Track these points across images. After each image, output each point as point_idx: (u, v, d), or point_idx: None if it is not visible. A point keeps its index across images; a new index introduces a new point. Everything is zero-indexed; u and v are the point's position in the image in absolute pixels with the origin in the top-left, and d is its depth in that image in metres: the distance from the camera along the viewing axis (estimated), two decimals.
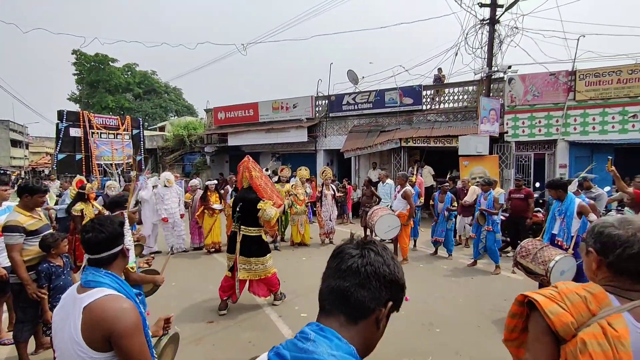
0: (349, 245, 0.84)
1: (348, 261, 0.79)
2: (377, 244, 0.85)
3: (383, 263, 0.80)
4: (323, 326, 0.76)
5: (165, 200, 7.31)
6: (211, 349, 3.55)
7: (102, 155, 14.48)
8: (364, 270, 0.78)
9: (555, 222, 4.05)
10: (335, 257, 0.83)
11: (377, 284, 0.78)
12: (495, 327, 3.96)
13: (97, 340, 1.29)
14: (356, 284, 0.77)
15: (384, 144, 11.44)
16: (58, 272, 3.12)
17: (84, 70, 31.78)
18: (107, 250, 1.48)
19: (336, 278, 0.79)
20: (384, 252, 0.83)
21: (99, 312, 1.30)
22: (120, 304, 1.34)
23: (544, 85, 10.01)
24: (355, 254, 0.81)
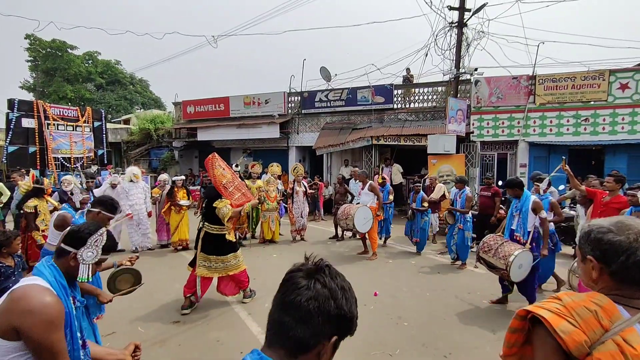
0: (298, 273, 0.80)
1: (292, 294, 0.76)
2: (330, 271, 0.80)
3: (329, 297, 0.76)
4: (264, 355, 0.75)
5: (130, 196, 6.98)
6: (177, 350, 3.43)
7: (60, 149, 13.56)
8: (306, 306, 0.74)
9: (514, 219, 4.27)
10: (283, 285, 0.80)
11: (319, 320, 0.74)
12: (459, 319, 4.12)
13: (5, 328, 1.24)
14: (297, 319, 0.74)
15: (355, 142, 11.56)
16: (8, 273, 2.88)
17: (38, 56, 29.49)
18: (65, 243, 1.50)
19: (279, 310, 0.77)
20: (334, 282, 0.79)
21: (17, 300, 1.27)
22: (41, 296, 1.29)
23: (507, 88, 10.52)
24: (302, 285, 0.77)
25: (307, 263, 0.83)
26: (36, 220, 4.68)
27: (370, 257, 6.60)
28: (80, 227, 1.55)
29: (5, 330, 1.24)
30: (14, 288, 1.31)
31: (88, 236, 1.52)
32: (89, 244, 1.52)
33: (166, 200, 7.11)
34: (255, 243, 7.79)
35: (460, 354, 3.36)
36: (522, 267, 3.98)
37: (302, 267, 0.81)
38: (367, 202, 6.59)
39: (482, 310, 4.38)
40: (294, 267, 0.83)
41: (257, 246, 7.60)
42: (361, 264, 6.39)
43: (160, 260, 6.64)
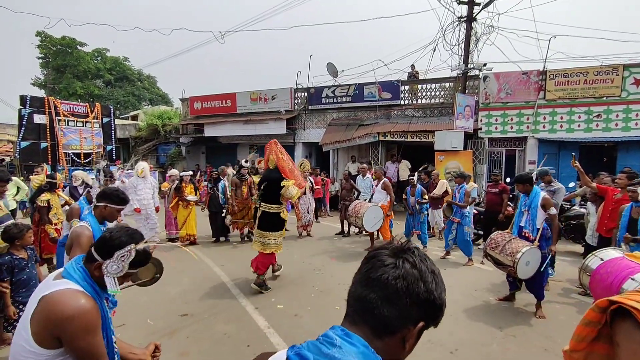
0: (383, 251, 0.75)
1: (378, 270, 0.71)
2: (418, 252, 0.76)
3: (419, 278, 0.71)
4: (349, 332, 0.70)
5: (138, 191, 7.06)
6: (185, 342, 3.48)
7: (70, 144, 13.77)
8: (394, 284, 0.69)
9: (523, 215, 4.23)
10: (367, 262, 0.75)
11: (407, 302, 0.69)
12: (466, 315, 4.11)
13: (44, 336, 1.20)
14: (383, 297, 0.69)
15: (362, 138, 11.52)
16: (21, 265, 2.95)
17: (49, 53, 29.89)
18: (96, 249, 1.40)
19: (363, 286, 0.72)
20: (423, 264, 0.74)
21: (53, 305, 1.22)
22: (77, 299, 1.25)
23: (516, 83, 10.37)
24: (388, 262, 0.72)
25: (392, 243, 0.78)
26: (48, 214, 4.77)
27: None
28: (111, 236, 1.43)
29: (45, 339, 1.21)
30: (45, 293, 1.25)
31: (116, 249, 1.41)
32: (115, 258, 1.40)
33: (174, 196, 7.19)
34: None
35: (467, 350, 3.35)
36: (530, 264, 3.94)
37: (388, 246, 0.77)
38: (379, 200, 6.57)
39: (489, 307, 4.36)
40: (379, 245, 0.79)
41: None
42: None
43: (168, 254, 6.71)
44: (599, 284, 2.55)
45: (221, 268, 5.77)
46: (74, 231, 2.40)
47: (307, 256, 6.40)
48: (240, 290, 4.78)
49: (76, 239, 2.33)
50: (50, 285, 1.29)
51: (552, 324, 3.91)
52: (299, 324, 3.86)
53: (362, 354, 0.67)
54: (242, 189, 7.33)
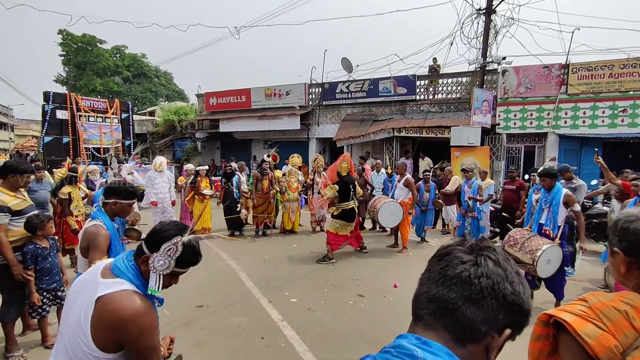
0: (459, 248, 0.67)
1: (457, 267, 0.64)
2: (498, 251, 0.67)
3: (504, 278, 0.63)
4: (426, 340, 0.61)
5: (155, 184, 7.21)
6: (200, 333, 3.55)
7: (90, 139, 14.17)
8: (478, 283, 0.61)
9: (543, 212, 4.11)
10: (441, 260, 0.67)
11: (493, 303, 0.61)
12: None
13: (105, 340, 1.19)
14: (466, 297, 0.61)
15: (376, 134, 11.42)
16: (44, 254, 3.07)
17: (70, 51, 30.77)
18: (147, 245, 1.35)
19: (439, 285, 0.64)
20: (507, 263, 0.66)
21: (113, 309, 1.20)
22: (135, 303, 1.23)
23: (536, 77, 10.06)
24: (467, 259, 0.64)
25: (466, 240, 0.70)
26: (70, 206, 4.93)
27: (401, 250, 6.54)
28: (162, 228, 1.37)
29: (104, 343, 1.19)
30: (101, 295, 1.21)
31: (162, 241, 1.33)
32: (161, 251, 1.33)
33: (190, 190, 7.31)
34: (276, 233, 7.90)
35: None
36: (550, 263, 3.84)
37: (462, 243, 0.69)
38: (400, 197, 6.46)
39: None
40: (450, 243, 0.71)
41: (277, 236, 7.70)
42: (381, 255, 6.36)
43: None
44: None
45: (236, 261, 5.84)
46: (88, 231, 2.22)
47: (320, 251, 6.41)
48: (254, 284, 4.83)
49: (93, 240, 2.18)
50: (104, 284, 1.25)
51: None
52: (313, 318, 3.87)
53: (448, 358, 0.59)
54: (262, 183, 7.40)
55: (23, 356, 3.06)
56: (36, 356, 3.13)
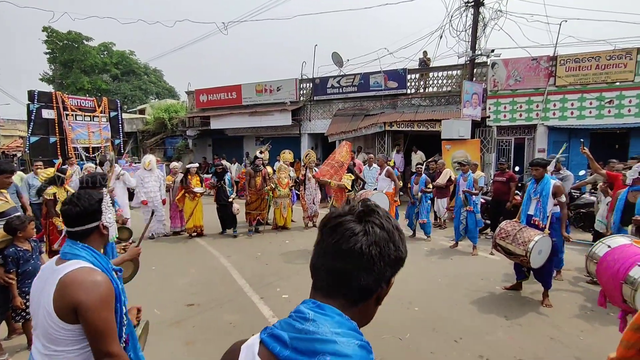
0: (348, 218, 0.71)
1: (350, 240, 0.68)
2: (380, 213, 0.73)
3: (388, 240, 0.70)
4: (321, 304, 0.69)
5: (145, 183, 7.13)
6: (191, 331, 3.53)
7: (79, 139, 13.92)
8: (368, 252, 0.68)
9: (531, 203, 4.15)
10: (334, 232, 0.71)
11: (382, 265, 0.69)
12: (471, 304, 4.09)
13: (66, 312, 1.29)
14: (360, 267, 0.68)
15: (368, 128, 11.42)
16: (26, 257, 3.00)
17: (56, 48, 30.09)
18: (81, 225, 1.48)
19: (336, 258, 0.69)
20: (389, 222, 0.72)
21: (70, 283, 1.31)
22: (93, 276, 1.35)
23: (525, 70, 10.12)
24: (358, 230, 0.69)
25: (354, 207, 0.74)
26: (55, 207, 4.84)
27: None
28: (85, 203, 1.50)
29: (66, 314, 1.30)
30: (62, 275, 1.33)
31: (99, 204, 1.55)
32: (104, 209, 1.58)
33: (180, 188, 7.24)
34: (268, 229, 7.88)
35: (471, 339, 3.34)
36: (542, 253, 3.89)
37: (352, 211, 0.73)
38: (384, 188, 6.58)
39: (495, 296, 4.33)
40: (339, 211, 0.74)
41: (269, 232, 7.68)
42: None
43: (175, 245, 6.81)
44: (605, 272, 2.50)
45: (228, 259, 5.82)
46: None
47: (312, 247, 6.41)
48: (246, 281, 4.82)
49: None
50: (60, 268, 1.36)
51: (558, 312, 3.87)
52: None
53: (337, 322, 0.66)
54: (255, 180, 7.35)
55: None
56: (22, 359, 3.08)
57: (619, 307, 2.68)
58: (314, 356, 0.63)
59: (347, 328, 0.66)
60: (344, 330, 0.66)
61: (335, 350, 0.63)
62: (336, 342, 0.64)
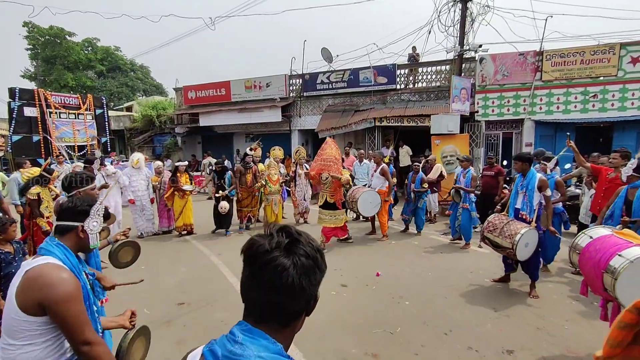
0: (276, 253, 0.74)
1: (282, 276, 0.73)
2: (303, 241, 0.78)
3: (314, 265, 0.77)
4: (252, 327, 0.75)
5: (132, 182, 7.01)
6: (182, 330, 3.51)
7: (63, 137, 13.60)
8: (299, 283, 0.74)
9: (518, 197, 4.22)
10: (265, 269, 0.74)
11: (310, 289, 0.77)
12: (461, 297, 4.15)
13: (30, 305, 1.31)
14: (293, 297, 0.75)
15: (358, 124, 11.43)
16: (8, 260, 2.90)
17: (38, 44, 29.25)
18: (65, 220, 1.54)
19: (271, 293, 0.74)
20: (312, 248, 0.78)
21: (36, 277, 1.33)
22: (58, 272, 1.37)
23: (513, 65, 10.24)
24: (288, 265, 0.73)
25: (274, 236, 0.78)
26: (40, 207, 4.73)
27: (381, 239, 6.62)
28: (77, 202, 1.59)
29: (30, 307, 1.31)
30: (28, 269, 1.35)
31: (89, 207, 1.58)
32: (92, 214, 1.59)
33: (168, 186, 7.14)
34: (259, 226, 7.84)
35: (461, 331, 3.39)
36: (529, 246, 3.96)
37: (278, 245, 0.76)
38: (377, 186, 6.57)
39: (484, 289, 4.40)
40: (264, 244, 0.76)
41: (261, 229, 7.63)
42: (364, 244, 6.43)
43: (165, 244, 6.73)
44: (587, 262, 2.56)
45: (218, 257, 5.78)
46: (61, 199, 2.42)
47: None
48: (237, 279, 4.79)
49: None
50: (29, 263, 1.40)
51: (545, 303, 3.96)
52: None
53: (263, 346, 0.73)
54: (246, 177, 7.29)
55: None
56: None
57: (600, 296, 2.75)
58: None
59: (271, 352, 0.73)
60: (267, 353, 0.72)
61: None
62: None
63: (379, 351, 3.08)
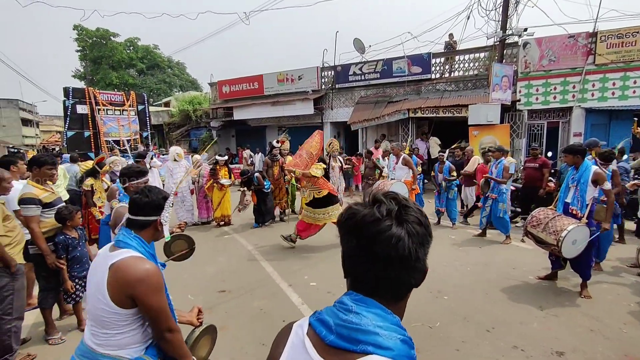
0: (387, 223, 0.67)
1: (398, 247, 0.66)
2: (412, 206, 0.71)
3: (426, 234, 0.70)
4: (364, 297, 0.70)
5: (173, 175, 7.35)
6: (224, 316, 3.65)
7: (110, 132, 14.52)
8: (415, 253, 0.67)
9: (569, 191, 3.95)
10: (376, 240, 0.67)
11: (424, 258, 0.71)
12: (502, 293, 3.99)
13: (121, 298, 1.39)
14: (409, 268, 0.69)
15: (391, 115, 11.20)
16: (74, 244, 3.23)
17: (86, 46, 31.30)
18: (143, 216, 1.58)
19: (386, 266, 0.67)
20: (421, 214, 0.72)
21: (124, 271, 1.40)
22: (143, 265, 1.44)
23: (561, 48, 9.53)
24: (402, 234, 0.66)
25: (383, 203, 0.70)
26: (93, 198, 5.10)
27: None
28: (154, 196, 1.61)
29: (122, 300, 1.40)
30: (112, 262, 1.42)
31: (164, 201, 1.63)
32: (166, 207, 1.64)
33: (208, 178, 7.41)
34: (295, 218, 7.95)
35: (504, 329, 3.26)
36: (577, 243, 3.71)
37: (388, 212, 0.68)
38: (402, 177, 6.49)
39: (528, 286, 4.19)
40: (372, 213, 0.69)
41: (294, 221, 7.74)
42: None
43: (205, 234, 7.02)
44: None
45: (255, 247, 5.95)
46: (116, 211, 2.61)
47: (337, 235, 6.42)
48: (274, 269, 4.92)
49: (119, 218, 2.55)
50: (113, 255, 1.46)
51: (599, 304, 3.71)
52: (332, 301, 3.90)
53: (380, 316, 0.68)
54: (273, 170, 7.42)
55: (62, 339, 3.25)
56: (73, 339, 3.30)
57: None
58: (357, 344, 0.64)
59: (389, 322, 0.68)
60: (386, 324, 0.67)
61: (377, 342, 0.64)
62: (378, 334, 0.65)
63: (419, 345, 3.04)
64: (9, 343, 2.84)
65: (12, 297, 2.78)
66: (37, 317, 3.57)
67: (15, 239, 2.88)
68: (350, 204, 0.74)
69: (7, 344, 2.83)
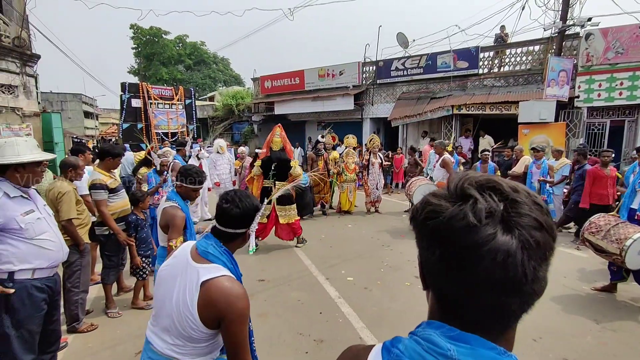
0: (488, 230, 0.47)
1: (508, 267, 0.46)
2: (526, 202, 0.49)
3: (550, 240, 0.49)
4: (463, 333, 0.51)
5: (217, 166, 7.70)
6: (263, 304, 3.79)
7: (160, 125, 15.46)
8: (533, 272, 0.48)
9: (636, 196, 3.61)
10: (473, 256, 0.47)
11: (545, 277, 0.51)
12: (552, 303, 3.75)
13: (209, 318, 1.30)
14: (522, 294, 0.49)
15: (434, 112, 10.85)
16: (142, 225, 3.63)
17: (140, 43, 33.49)
18: (234, 228, 1.44)
19: (492, 291, 0.48)
20: (537, 206, 0.50)
21: (218, 292, 1.30)
22: (236, 288, 1.33)
23: (631, 40, 8.64)
24: (510, 247, 0.46)
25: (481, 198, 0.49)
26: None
27: None
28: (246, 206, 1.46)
29: (209, 321, 1.30)
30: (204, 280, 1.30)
31: (255, 212, 1.49)
32: (256, 219, 1.51)
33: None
34: (332, 213, 8.02)
35: (553, 340, 3.08)
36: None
37: (490, 213, 0.48)
38: (438, 178, 6.29)
39: (581, 297, 3.91)
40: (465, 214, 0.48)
41: (333, 216, 7.82)
42: None
43: None
44: None
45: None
46: (167, 212, 2.51)
47: (375, 232, 6.40)
48: (311, 262, 5.01)
49: (171, 220, 2.49)
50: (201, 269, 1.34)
51: None
52: (369, 297, 3.92)
53: (491, 358, 0.49)
54: (317, 164, 7.54)
55: (119, 313, 3.57)
56: (128, 314, 3.61)
57: None
58: None
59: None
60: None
61: None
62: None
63: None
64: (76, 313, 3.17)
65: (79, 272, 3.10)
66: (98, 292, 3.94)
67: (84, 220, 3.21)
68: (429, 194, 0.55)
69: (74, 314, 3.17)
